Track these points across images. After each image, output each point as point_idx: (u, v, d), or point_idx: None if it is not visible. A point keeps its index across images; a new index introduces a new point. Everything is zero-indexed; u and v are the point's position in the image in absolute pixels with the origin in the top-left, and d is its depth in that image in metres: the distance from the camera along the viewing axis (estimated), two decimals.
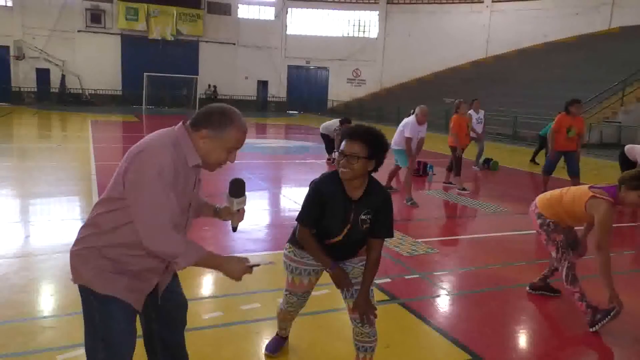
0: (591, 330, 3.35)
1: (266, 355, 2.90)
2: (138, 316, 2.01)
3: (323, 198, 2.33)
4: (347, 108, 31.74)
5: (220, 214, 2.18)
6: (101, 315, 1.85)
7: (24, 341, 2.94)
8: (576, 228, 3.81)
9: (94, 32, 31.05)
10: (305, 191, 2.43)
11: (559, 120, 7.56)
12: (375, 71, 35.56)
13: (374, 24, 35.52)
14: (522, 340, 3.36)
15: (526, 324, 3.58)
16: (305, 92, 35.68)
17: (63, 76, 30.20)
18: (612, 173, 9.51)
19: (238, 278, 1.90)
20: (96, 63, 30.63)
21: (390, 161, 7.13)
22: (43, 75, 29.97)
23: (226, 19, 34.00)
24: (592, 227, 3.61)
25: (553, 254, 3.62)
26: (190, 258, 1.78)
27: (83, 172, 8.38)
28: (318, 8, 35.46)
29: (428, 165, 9.49)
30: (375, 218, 2.37)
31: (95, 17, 30.93)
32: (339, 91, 35.44)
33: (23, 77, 29.75)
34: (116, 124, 19.92)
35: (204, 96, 31.19)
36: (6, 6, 29.30)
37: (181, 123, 1.89)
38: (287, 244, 2.63)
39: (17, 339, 2.95)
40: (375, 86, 35.42)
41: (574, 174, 7.66)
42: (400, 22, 34.43)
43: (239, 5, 34.47)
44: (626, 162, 7.57)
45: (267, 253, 4.82)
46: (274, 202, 7.40)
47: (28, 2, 29.24)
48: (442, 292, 4.01)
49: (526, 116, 18.37)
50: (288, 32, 35.39)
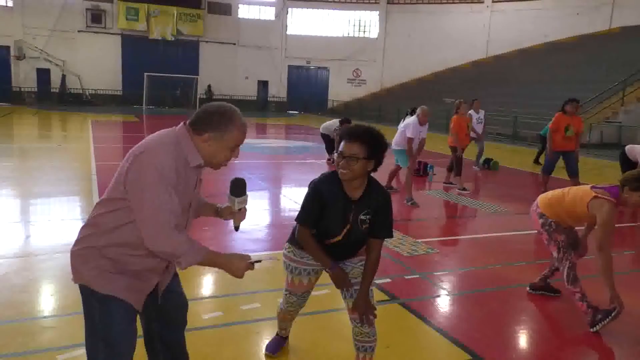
0: (591, 330, 3.34)
1: (266, 355, 2.90)
2: (138, 316, 2.01)
3: (322, 198, 2.33)
4: (348, 108, 31.77)
5: (221, 214, 2.18)
6: (101, 315, 1.85)
7: (25, 341, 2.94)
8: (577, 228, 3.81)
9: (95, 32, 31.15)
10: (305, 191, 2.42)
11: (557, 119, 7.57)
12: (375, 71, 35.61)
13: (374, 24, 35.56)
14: (523, 340, 3.36)
15: (526, 324, 3.58)
16: (305, 92, 35.70)
17: (63, 76, 30.28)
18: (613, 173, 9.50)
19: (240, 275, 1.90)
20: (96, 63, 30.71)
21: (390, 161, 7.14)
22: (43, 75, 30.07)
23: (226, 19, 34.04)
24: (593, 228, 3.60)
25: (554, 254, 3.61)
26: (192, 258, 1.79)
27: (83, 172, 8.38)
28: (318, 8, 35.51)
29: (428, 165, 9.50)
30: (374, 218, 2.36)
31: (95, 17, 31.02)
32: (339, 91, 35.49)
33: (23, 77, 29.86)
34: (116, 124, 19.94)
35: (204, 96, 31.20)
36: (6, 6, 29.39)
37: (182, 124, 1.89)
38: (287, 244, 2.63)
39: (18, 339, 2.95)
40: (375, 86, 35.47)
41: (573, 174, 7.65)
42: (400, 22, 34.47)
43: (240, 5, 34.52)
44: (627, 162, 7.56)
45: (267, 253, 4.82)
46: (274, 202, 7.40)
47: (28, 2, 29.31)
48: (443, 292, 4.01)
49: (526, 116, 18.38)
50: (288, 32, 35.43)
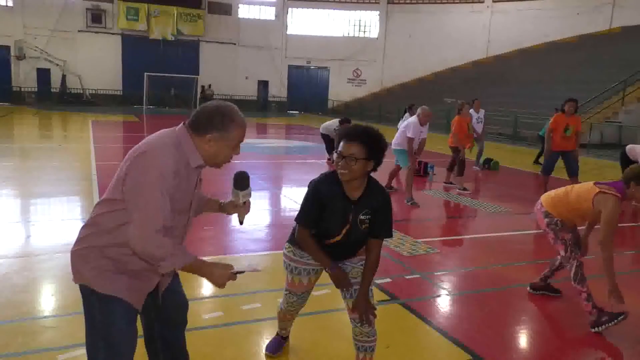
0: (592, 330, 3.34)
1: (267, 355, 2.90)
2: (139, 316, 2.01)
3: (322, 198, 2.33)
4: (348, 108, 31.75)
5: (225, 209, 2.20)
6: (102, 314, 1.85)
7: (25, 341, 2.94)
8: (578, 228, 3.80)
9: (95, 32, 31.10)
10: (305, 191, 2.42)
11: (555, 119, 7.61)
12: (375, 71, 35.57)
13: (375, 24, 35.52)
14: (523, 340, 3.36)
15: (527, 324, 3.58)
16: (305, 92, 35.66)
17: (64, 76, 30.23)
18: (613, 173, 9.50)
19: (222, 285, 1.87)
20: (97, 63, 30.66)
21: (390, 161, 7.15)
22: (44, 75, 30.01)
23: (227, 19, 34.00)
24: (594, 226, 3.59)
25: (562, 253, 3.55)
26: (174, 262, 1.78)
27: (84, 172, 8.38)
28: (319, 8, 35.47)
29: (429, 165, 9.49)
30: (374, 218, 2.36)
31: (95, 17, 30.99)
32: (340, 91, 35.46)
33: (24, 77, 29.80)
34: (117, 124, 19.91)
35: (201, 96, 31.04)
36: (7, 6, 29.34)
37: (182, 124, 1.89)
38: (287, 244, 2.63)
39: (18, 339, 2.96)
40: (375, 86, 35.42)
41: (573, 174, 7.66)
42: (401, 22, 34.45)
43: (240, 5, 34.48)
44: (627, 162, 7.57)
45: (267, 253, 4.82)
46: (274, 202, 7.40)
47: (29, 2, 29.28)
48: (443, 292, 4.01)
49: (527, 116, 18.37)
50: (289, 32, 35.40)
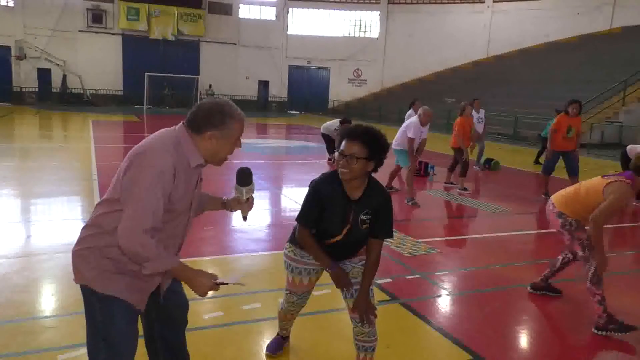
0: (594, 331, 3.34)
1: (267, 355, 2.90)
2: (139, 316, 2.00)
3: (322, 198, 2.33)
4: (348, 108, 31.75)
5: (228, 206, 2.21)
6: (102, 315, 1.86)
7: (25, 341, 2.94)
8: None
9: (95, 32, 31.13)
10: (305, 191, 2.42)
11: (559, 120, 7.62)
12: (376, 71, 35.58)
13: (375, 24, 35.53)
14: (524, 340, 3.35)
15: (527, 324, 3.57)
16: (306, 92, 35.69)
17: (64, 76, 30.27)
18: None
19: (203, 294, 1.86)
20: (97, 63, 30.71)
21: (391, 161, 7.14)
22: (44, 75, 30.05)
23: (227, 19, 34.02)
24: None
25: (579, 254, 3.48)
26: (159, 265, 1.78)
27: (84, 173, 8.38)
28: (319, 8, 35.49)
29: (429, 165, 9.49)
30: (375, 218, 2.36)
31: (96, 17, 31.01)
32: (340, 91, 35.48)
33: (24, 77, 29.84)
34: (117, 124, 19.91)
35: (205, 96, 31.07)
36: (7, 6, 29.37)
37: (182, 123, 1.88)
38: (287, 244, 2.63)
39: (19, 339, 2.96)
40: (376, 86, 35.44)
41: (573, 174, 7.68)
42: (401, 22, 34.46)
43: (240, 5, 34.50)
44: (628, 162, 7.54)
45: (268, 253, 4.82)
46: (275, 202, 7.40)
47: (29, 2, 29.30)
48: (443, 292, 4.00)
49: (527, 116, 18.36)
50: (289, 32, 35.41)
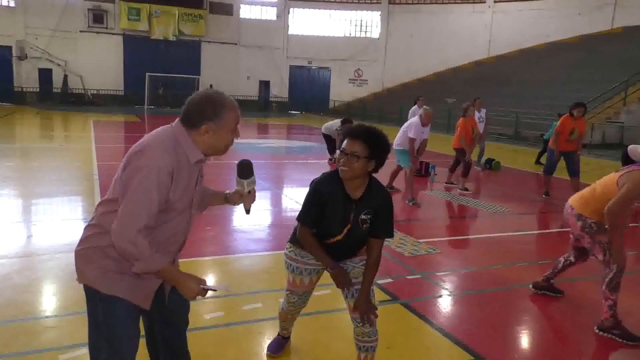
0: (596, 330, 3.34)
1: (268, 355, 2.90)
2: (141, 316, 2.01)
3: (323, 197, 2.33)
4: (349, 108, 31.76)
5: (230, 200, 2.20)
6: (104, 314, 1.86)
7: (27, 341, 2.94)
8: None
9: (96, 33, 31.20)
10: (306, 191, 2.42)
11: (563, 122, 7.60)
12: (377, 71, 35.61)
13: (376, 24, 35.56)
14: (525, 340, 3.34)
15: (529, 325, 3.56)
16: (307, 92, 35.73)
17: (65, 76, 30.33)
18: None
19: (191, 297, 1.87)
20: (98, 63, 30.77)
21: (392, 161, 7.14)
22: (45, 75, 30.11)
23: (228, 19, 34.06)
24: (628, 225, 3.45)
25: (599, 257, 3.39)
26: (148, 265, 1.76)
27: (85, 172, 8.38)
28: (320, 8, 35.53)
29: (430, 165, 9.48)
30: (375, 218, 2.36)
31: (97, 18, 31.07)
32: (341, 91, 35.50)
33: (25, 77, 29.91)
34: (118, 124, 19.91)
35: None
36: (8, 6, 29.43)
37: (178, 120, 1.88)
38: (288, 244, 2.64)
39: (20, 339, 2.96)
40: (377, 86, 35.47)
41: (574, 174, 7.70)
42: (402, 22, 34.48)
43: (241, 5, 34.55)
44: (629, 163, 7.53)
45: (269, 253, 4.82)
46: (276, 202, 7.39)
47: (30, 3, 29.36)
48: (444, 293, 3.99)
49: (528, 116, 18.35)
50: (290, 32, 35.45)
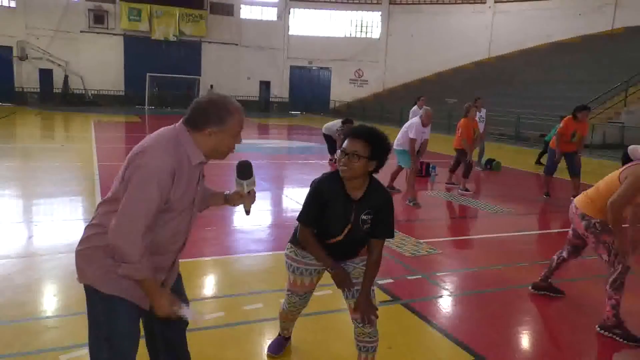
0: (598, 329, 3.34)
1: (269, 355, 2.90)
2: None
3: (323, 197, 2.33)
4: (350, 108, 31.74)
5: (230, 200, 2.20)
6: (105, 314, 1.86)
7: (28, 341, 2.94)
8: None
9: (97, 33, 31.18)
10: (307, 191, 2.42)
11: (566, 124, 7.59)
12: (377, 72, 35.59)
13: (377, 25, 35.54)
14: (526, 341, 3.34)
15: (529, 325, 3.56)
16: (307, 93, 35.69)
17: (66, 77, 30.32)
18: None
19: (162, 314, 1.88)
20: (99, 64, 30.74)
21: (392, 161, 7.14)
22: (46, 75, 30.07)
23: (229, 20, 34.06)
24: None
25: (604, 257, 3.36)
26: (133, 271, 1.76)
27: (86, 173, 8.38)
28: (320, 8, 35.51)
29: (430, 165, 9.47)
30: (376, 218, 2.36)
31: (98, 18, 31.05)
32: (342, 92, 35.45)
33: (26, 78, 29.89)
34: (119, 125, 19.89)
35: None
36: (9, 7, 29.43)
37: (181, 121, 1.89)
38: (289, 244, 2.64)
39: (21, 339, 2.96)
40: (377, 87, 35.45)
41: (575, 174, 7.73)
42: (403, 23, 34.45)
43: (242, 5, 34.54)
44: (629, 163, 7.52)
45: (269, 253, 4.82)
46: (276, 203, 7.39)
47: (31, 3, 29.36)
48: (445, 293, 3.99)
49: (529, 117, 18.33)
50: (290, 33, 35.43)
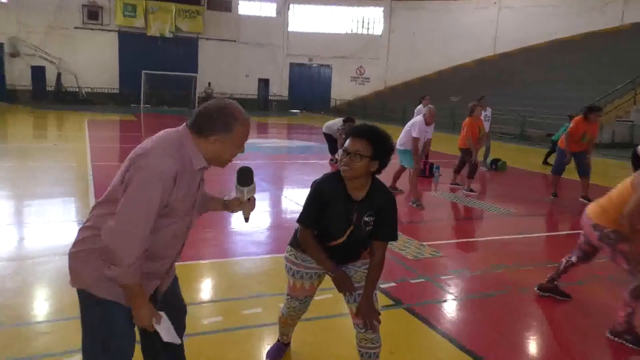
0: (608, 335, 3.30)
1: None
2: None
3: (324, 198, 2.30)
4: (351, 107, 31.67)
5: (229, 206, 2.19)
6: (101, 319, 1.84)
7: (20, 347, 2.86)
8: None
9: (91, 29, 30.73)
10: (307, 192, 2.38)
11: (577, 124, 7.47)
12: (379, 69, 35.40)
13: (379, 21, 35.35)
14: (531, 345, 3.28)
15: (534, 329, 3.50)
16: (307, 91, 35.51)
17: (59, 74, 29.73)
18: (624, 173, 9.38)
19: (139, 324, 1.86)
20: (93, 61, 30.27)
21: (395, 161, 7.05)
22: (38, 73, 29.42)
23: (227, 16, 33.80)
24: None
25: (624, 267, 3.28)
26: (122, 276, 1.72)
27: (79, 173, 8.27)
28: (321, 4, 35.27)
29: (434, 165, 9.36)
30: (378, 220, 2.32)
31: (92, 14, 30.66)
32: (342, 89, 35.27)
33: (18, 75, 29.19)
34: (113, 123, 19.67)
35: (204, 95, 30.61)
36: (1, 2, 28.83)
37: (185, 125, 1.87)
38: (289, 247, 2.60)
39: (12, 345, 2.88)
40: (379, 84, 35.28)
41: (584, 174, 7.65)
42: (405, 19, 34.23)
43: (240, 1, 34.30)
44: (638, 162, 7.46)
45: (269, 256, 4.75)
46: (276, 204, 7.30)
47: None
48: (449, 296, 3.93)
49: (533, 115, 18.22)
50: (290, 29, 35.21)
